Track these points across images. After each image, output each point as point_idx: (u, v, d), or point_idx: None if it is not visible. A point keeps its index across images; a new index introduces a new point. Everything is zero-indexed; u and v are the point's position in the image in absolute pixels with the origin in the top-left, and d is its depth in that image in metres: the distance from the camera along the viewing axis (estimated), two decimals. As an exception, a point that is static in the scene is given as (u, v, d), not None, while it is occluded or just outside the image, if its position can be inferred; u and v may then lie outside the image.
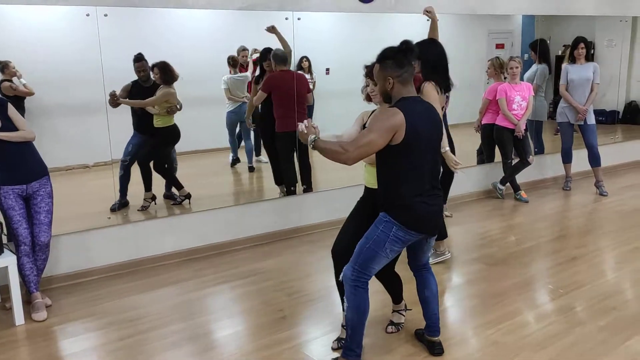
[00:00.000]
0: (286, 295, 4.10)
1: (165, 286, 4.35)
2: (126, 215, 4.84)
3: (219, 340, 3.52)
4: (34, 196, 3.84)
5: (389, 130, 2.74)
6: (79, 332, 3.66)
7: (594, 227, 5.64)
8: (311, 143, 2.87)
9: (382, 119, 2.78)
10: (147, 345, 3.45)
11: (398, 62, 2.84)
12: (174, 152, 5.45)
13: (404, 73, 2.85)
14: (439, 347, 3.26)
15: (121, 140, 4.93)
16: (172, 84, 5.05)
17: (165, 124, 5.18)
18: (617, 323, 3.58)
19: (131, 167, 5.03)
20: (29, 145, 3.81)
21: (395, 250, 2.93)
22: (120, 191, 4.92)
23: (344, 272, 2.99)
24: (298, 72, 5.58)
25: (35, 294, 3.89)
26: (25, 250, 3.81)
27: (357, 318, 2.98)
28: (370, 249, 2.91)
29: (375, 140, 2.75)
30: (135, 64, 4.90)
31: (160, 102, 5.03)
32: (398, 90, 2.87)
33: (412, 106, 2.83)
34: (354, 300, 2.95)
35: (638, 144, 8.40)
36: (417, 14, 5.82)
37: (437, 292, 3.27)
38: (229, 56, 5.62)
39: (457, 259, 4.76)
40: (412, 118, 2.77)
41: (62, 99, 4.66)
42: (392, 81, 2.85)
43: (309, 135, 2.89)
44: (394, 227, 2.86)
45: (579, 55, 6.45)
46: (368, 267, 2.94)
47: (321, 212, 5.59)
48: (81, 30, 4.37)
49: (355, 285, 2.94)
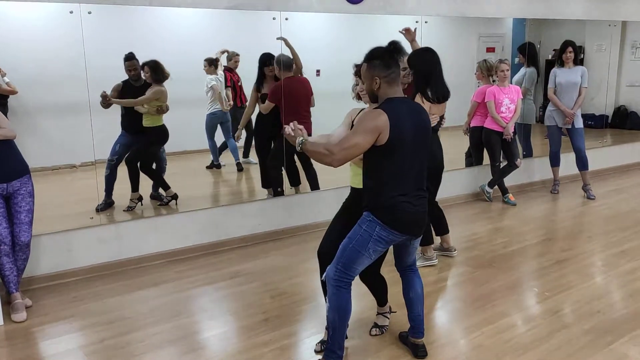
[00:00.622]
0: (270, 297, 4.07)
1: (148, 287, 4.30)
2: (110, 215, 4.78)
3: (202, 342, 3.48)
4: (14, 195, 3.78)
5: (372, 131, 2.74)
6: (59, 334, 3.60)
7: (581, 230, 5.63)
8: (299, 145, 2.87)
9: (366, 120, 2.78)
10: (129, 347, 3.40)
11: (385, 62, 2.84)
12: (163, 152, 5.40)
13: (391, 73, 2.85)
14: (422, 350, 3.24)
15: (105, 139, 4.87)
16: (163, 82, 5.01)
17: (154, 124, 5.13)
18: (601, 326, 3.57)
19: (118, 166, 4.98)
20: (10, 143, 3.75)
21: (378, 250, 2.91)
22: (105, 191, 4.87)
23: (327, 272, 2.98)
24: (302, 76, 5.54)
25: (15, 294, 3.82)
26: (5, 250, 3.75)
27: (339, 319, 2.96)
28: (353, 249, 2.89)
29: (359, 142, 2.74)
30: (125, 63, 4.85)
31: (151, 101, 4.98)
32: (384, 90, 2.87)
33: (398, 107, 2.82)
34: (336, 301, 2.93)
35: (626, 148, 8.43)
36: (405, 16, 5.85)
37: (423, 294, 3.26)
38: (211, 58, 5.58)
39: (443, 262, 4.74)
40: (396, 119, 2.76)
41: (45, 97, 4.61)
42: (378, 81, 2.85)
43: (296, 138, 2.88)
44: (377, 227, 2.85)
45: (567, 59, 6.46)
46: (351, 267, 2.92)
47: (306, 214, 5.56)
48: (64, 28, 4.32)
49: (338, 285, 2.92)
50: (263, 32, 5.39)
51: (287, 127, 2.92)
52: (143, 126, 5.10)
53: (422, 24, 5.96)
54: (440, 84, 4.14)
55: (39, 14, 4.34)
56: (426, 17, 5.99)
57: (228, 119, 5.88)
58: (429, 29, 6.01)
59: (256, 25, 5.39)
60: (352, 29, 6.01)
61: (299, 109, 5.38)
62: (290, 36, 5.27)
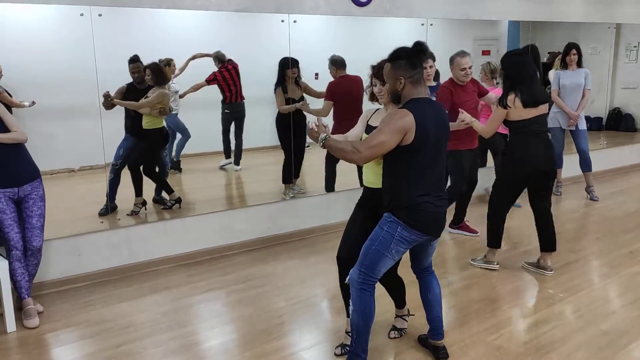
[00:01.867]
0: (285, 301, 4.04)
1: (160, 292, 4.26)
2: (119, 219, 4.73)
3: (214, 348, 3.44)
4: (25, 199, 3.74)
5: (399, 131, 2.74)
6: (73, 339, 3.56)
7: (587, 231, 5.66)
8: (322, 141, 2.88)
9: (393, 120, 2.77)
10: (145, 352, 3.37)
11: (411, 62, 2.83)
12: (167, 156, 5.37)
13: (416, 74, 2.84)
14: (443, 352, 3.23)
15: (115, 142, 4.83)
16: (165, 85, 4.98)
17: (154, 126, 5.08)
18: (618, 327, 3.58)
19: (121, 171, 4.92)
20: (21, 147, 3.71)
21: (400, 250, 2.91)
22: (109, 195, 4.81)
23: (351, 275, 2.96)
24: (355, 75, 5.53)
25: (27, 300, 3.77)
26: (17, 255, 3.70)
27: (363, 322, 2.94)
28: (376, 251, 2.88)
29: (386, 141, 2.75)
30: (130, 65, 4.82)
31: (155, 104, 4.95)
32: (409, 91, 2.86)
33: (422, 108, 2.82)
34: (360, 304, 2.92)
35: (624, 150, 8.49)
36: (412, 18, 5.86)
37: (441, 295, 3.25)
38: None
39: (454, 264, 4.74)
40: (422, 119, 2.77)
41: (54, 100, 4.56)
42: (403, 81, 2.85)
43: (320, 134, 2.88)
44: (399, 227, 2.84)
45: (571, 61, 6.49)
46: (374, 269, 2.91)
47: (315, 217, 5.54)
48: (75, 31, 4.28)
49: (362, 288, 2.91)
50: (272, 34, 5.38)
51: (310, 122, 2.93)
52: (143, 128, 5.05)
53: (428, 27, 5.98)
54: (527, 88, 4.12)
55: (48, 16, 4.28)
56: (432, 20, 6.01)
57: (175, 123, 5.75)
58: (429, 32, 6.03)
59: (265, 28, 5.37)
60: (359, 32, 6.01)
61: (351, 108, 5.33)
62: (299, 38, 5.26)
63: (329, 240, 5.27)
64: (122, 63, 4.78)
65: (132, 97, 4.87)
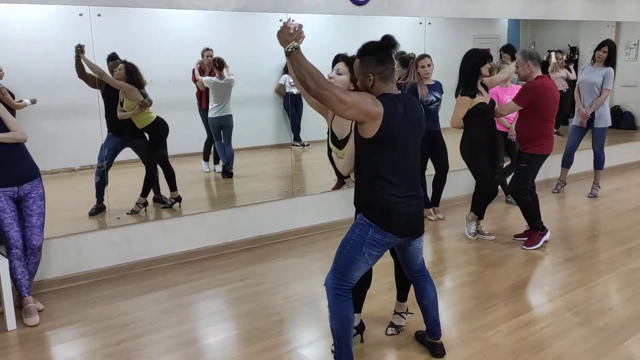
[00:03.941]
0: (284, 298, 4.06)
1: (160, 290, 4.28)
2: (118, 218, 4.75)
3: (213, 345, 3.47)
4: (25, 198, 3.76)
5: (364, 109, 2.62)
6: (73, 337, 3.59)
7: (586, 229, 5.68)
8: (290, 49, 2.58)
9: (367, 99, 2.65)
10: (140, 351, 3.39)
11: (379, 59, 2.72)
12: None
13: (386, 70, 2.73)
14: (440, 349, 3.24)
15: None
16: (138, 86, 4.96)
17: (148, 121, 5.09)
18: (614, 323, 3.59)
19: (107, 172, 4.84)
20: (21, 146, 3.73)
21: (374, 254, 2.81)
22: (96, 196, 4.81)
23: (326, 280, 2.89)
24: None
25: (27, 298, 3.80)
26: (17, 254, 3.73)
27: (342, 328, 2.86)
28: (348, 255, 2.79)
29: (347, 101, 2.58)
30: (109, 63, 4.76)
31: (125, 88, 4.86)
32: (379, 87, 2.75)
33: (393, 102, 2.71)
34: (336, 309, 2.84)
35: (623, 148, 8.49)
36: (410, 17, 5.88)
37: (437, 299, 3.22)
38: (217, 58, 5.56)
39: (452, 262, 4.76)
40: (390, 114, 2.67)
41: (54, 100, 4.59)
42: (372, 78, 2.74)
43: (292, 38, 2.61)
44: (370, 230, 2.75)
45: (600, 57, 6.50)
46: (348, 273, 2.81)
47: (314, 215, 5.56)
48: (74, 31, 4.30)
49: (337, 294, 2.83)
50: (270, 33, 5.39)
51: (289, 21, 2.65)
52: (139, 129, 5.05)
53: (426, 25, 6.00)
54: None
55: (47, 16, 4.32)
56: (430, 19, 6.03)
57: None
58: (429, 31, 6.05)
59: (263, 27, 5.39)
60: (357, 31, 6.02)
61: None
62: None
63: (328, 239, 5.29)
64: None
65: (111, 93, 4.77)
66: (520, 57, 4.82)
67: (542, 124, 4.80)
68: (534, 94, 4.74)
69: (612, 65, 6.53)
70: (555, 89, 4.87)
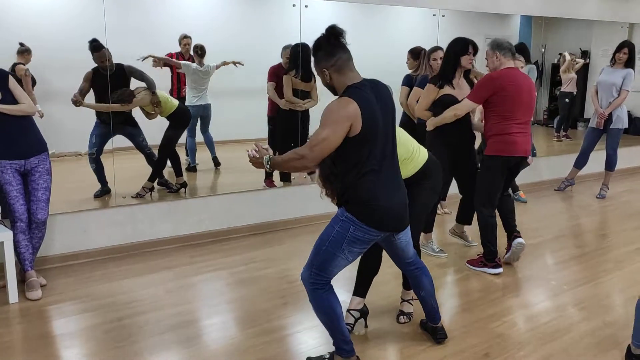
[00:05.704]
0: (288, 283, 4.03)
1: (163, 270, 4.26)
2: (124, 198, 4.73)
3: (215, 324, 3.44)
4: (32, 172, 3.74)
5: (343, 121, 2.50)
6: (75, 312, 3.57)
7: (594, 228, 5.63)
8: (267, 163, 2.68)
9: (334, 110, 2.53)
10: (141, 328, 3.37)
11: (327, 51, 2.61)
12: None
13: (338, 60, 2.60)
14: (441, 332, 3.22)
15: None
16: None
17: (170, 110, 5.12)
18: (622, 320, 3.55)
19: (100, 157, 4.80)
20: (29, 120, 3.72)
21: (354, 251, 2.71)
22: (99, 181, 4.80)
23: (302, 274, 2.80)
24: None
25: (30, 272, 3.78)
26: (22, 227, 3.71)
27: (327, 318, 2.80)
28: (327, 251, 2.68)
29: (329, 135, 2.50)
30: (94, 54, 4.53)
31: (134, 107, 4.90)
32: (338, 80, 2.63)
33: (364, 93, 2.58)
34: (316, 302, 2.77)
35: (632, 150, 8.43)
36: (423, 8, 5.83)
37: (433, 288, 3.16)
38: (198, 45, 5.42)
39: (458, 257, 4.72)
40: (366, 106, 2.55)
41: (61, 84, 4.56)
42: (327, 72, 2.63)
43: (262, 158, 2.70)
44: (351, 227, 2.63)
45: (620, 59, 6.44)
46: (326, 269, 2.72)
47: (321, 204, 5.48)
48: (85, 12, 4.27)
49: (314, 288, 2.75)
50: (283, 19, 5.37)
51: (249, 151, 2.72)
52: (128, 116, 4.96)
53: (439, 18, 5.95)
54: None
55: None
56: (444, 11, 5.98)
57: None
58: (442, 28, 6.01)
59: (276, 12, 5.36)
60: (371, 21, 6.00)
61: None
62: (309, 24, 5.24)
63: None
64: (133, 47, 4.76)
65: (99, 82, 4.63)
66: (488, 47, 4.29)
67: (504, 122, 4.11)
68: (488, 89, 4.10)
69: (632, 67, 6.47)
70: (525, 82, 4.15)
